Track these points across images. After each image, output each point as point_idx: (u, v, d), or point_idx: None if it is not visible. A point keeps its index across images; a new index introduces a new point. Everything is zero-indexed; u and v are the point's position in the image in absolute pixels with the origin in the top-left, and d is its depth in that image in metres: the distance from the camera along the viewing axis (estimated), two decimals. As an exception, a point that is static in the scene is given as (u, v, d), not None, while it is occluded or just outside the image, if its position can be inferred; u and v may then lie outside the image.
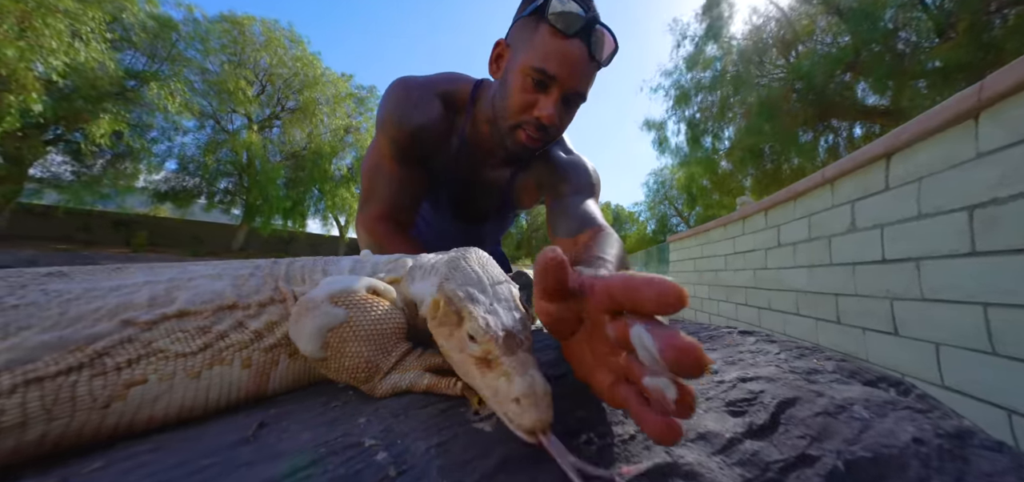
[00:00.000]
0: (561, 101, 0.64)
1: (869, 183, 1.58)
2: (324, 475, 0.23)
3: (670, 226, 23.53)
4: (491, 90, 0.72)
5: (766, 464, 0.25)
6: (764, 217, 2.49)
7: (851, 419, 0.29)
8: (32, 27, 9.18)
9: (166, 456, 0.25)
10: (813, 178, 1.94)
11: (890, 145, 1.44)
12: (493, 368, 0.27)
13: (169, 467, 0.23)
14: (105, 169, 13.10)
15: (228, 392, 0.32)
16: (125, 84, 12.24)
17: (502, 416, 0.25)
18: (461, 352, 0.29)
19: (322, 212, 18.29)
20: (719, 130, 9.63)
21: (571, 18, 0.59)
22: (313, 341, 0.31)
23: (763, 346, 0.47)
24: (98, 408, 0.27)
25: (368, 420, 0.28)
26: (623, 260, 0.57)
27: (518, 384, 0.24)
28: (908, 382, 0.44)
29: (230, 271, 0.38)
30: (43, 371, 0.25)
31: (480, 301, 0.31)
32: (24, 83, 9.19)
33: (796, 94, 7.64)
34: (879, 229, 1.52)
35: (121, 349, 0.28)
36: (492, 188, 0.85)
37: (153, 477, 0.22)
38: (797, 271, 2.11)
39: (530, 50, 0.62)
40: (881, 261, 1.51)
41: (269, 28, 15.55)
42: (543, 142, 0.69)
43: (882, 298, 1.52)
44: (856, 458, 0.25)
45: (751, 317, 2.66)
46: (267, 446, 0.26)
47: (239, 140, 14.71)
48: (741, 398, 0.33)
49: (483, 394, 0.27)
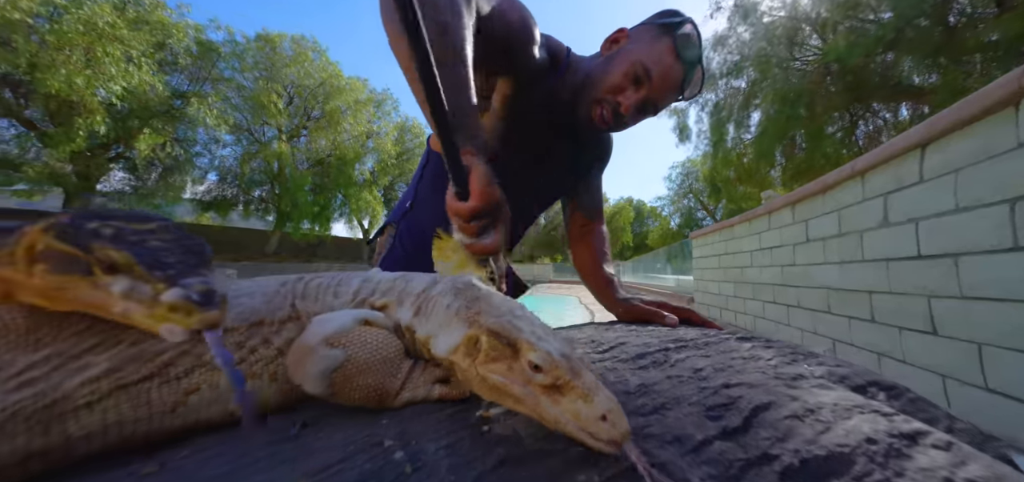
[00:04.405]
0: (642, 103, 0.72)
1: (902, 175, 1.50)
2: (353, 470, 0.27)
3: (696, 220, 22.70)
4: (587, 63, 0.78)
5: (730, 462, 0.29)
6: (791, 212, 2.40)
7: (816, 421, 0.31)
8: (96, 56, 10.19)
9: (228, 449, 0.31)
10: (842, 171, 1.86)
11: (924, 135, 1.37)
12: (565, 393, 0.27)
13: (236, 456, 0.30)
14: (157, 182, 14.31)
15: (259, 402, 0.35)
16: (172, 103, 13.28)
17: (583, 436, 0.26)
18: (526, 384, 0.28)
19: (347, 215, 19.07)
20: (744, 118, 9.19)
21: (690, 47, 0.71)
22: (318, 384, 0.33)
23: (758, 352, 0.49)
24: (168, 411, 0.32)
25: (388, 423, 0.33)
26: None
27: (601, 403, 0.25)
28: (903, 387, 0.45)
29: (262, 289, 0.40)
30: (127, 379, 0.30)
31: (525, 328, 0.31)
32: (90, 107, 10.26)
33: (830, 77, 7.16)
34: (913, 223, 1.44)
35: (180, 361, 0.32)
36: (558, 150, 0.86)
37: (229, 464, 0.28)
38: (827, 268, 2.02)
39: (647, 50, 0.71)
40: (916, 257, 1.44)
41: (297, 42, 16.36)
42: (610, 127, 0.76)
43: (919, 296, 1.44)
44: (811, 456, 0.27)
45: (779, 315, 2.56)
46: (306, 444, 0.31)
47: (270, 150, 15.61)
48: (720, 403, 0.36)
49: (556, 419, 0.27)
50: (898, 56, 6.56)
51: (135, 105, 11.56)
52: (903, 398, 0.42)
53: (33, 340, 0.28)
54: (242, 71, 15.17)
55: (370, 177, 19.23)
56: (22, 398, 0.25)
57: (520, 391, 0.29)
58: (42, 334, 0.29)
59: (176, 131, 13.67)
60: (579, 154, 0.90)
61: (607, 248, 0.95)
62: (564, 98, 0.77)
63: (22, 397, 0.25)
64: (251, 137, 16.36)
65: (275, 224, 16.87)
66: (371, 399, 0.34)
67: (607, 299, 0.85)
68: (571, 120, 0.77)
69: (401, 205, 0.96)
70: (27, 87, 10.24)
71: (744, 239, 3.11)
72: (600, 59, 0.76)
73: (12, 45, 9.46)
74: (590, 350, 0.52)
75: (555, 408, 0.27)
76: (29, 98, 10.74)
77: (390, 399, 0.35)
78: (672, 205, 25.79)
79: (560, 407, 0.27)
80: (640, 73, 0.70)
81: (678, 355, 0.49)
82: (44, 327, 0.29)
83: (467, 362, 0.32)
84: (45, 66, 9.52)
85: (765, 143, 8.37)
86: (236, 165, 16.07)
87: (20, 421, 0.25)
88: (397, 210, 0.97)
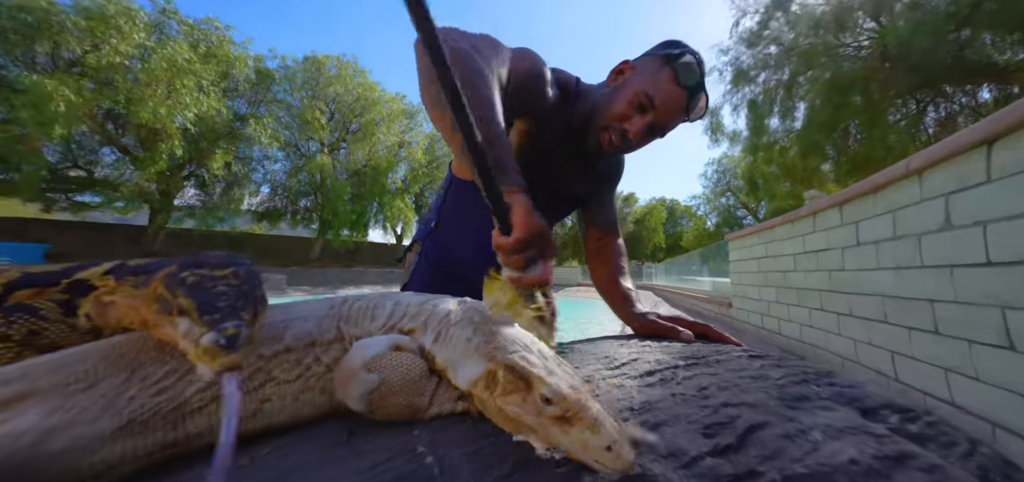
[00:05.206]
0: (648, 127, 0.77)
1: (966, 174, 1.37)
2: (393, 470, 0.33)
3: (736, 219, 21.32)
4: (594, 93, 0.84)
5: (717, 477, 0.32)
6: (839, 213, 2.23)
7: (805, 441, 0.33)
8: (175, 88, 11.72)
9: (298, 449, 0.39)
10: (896, 169, 1.71)
11: (990, 130, 1.24)
12: (574, 424, 0.30)
13: (305, 454, 0.37)
14: (221, 197, 15.99)
15: (313, 411, 0.42)
16: (234, 126, 14.85)
17: (590, 462, 0.29)
18: (538, 416, 0.31)
19: (381, 222, 20.08)
20: (788, 111, 8.53)
21: (690, 74, 0.74)
22: (359, 404, 0.38)
23: (767, 371, 0.51)
24: (250, 416, 0.39)
25: (419, 433, 0.39)
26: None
27: (606, 435, 0.28)
28: (923, 411, 0.44)
29: (315, 313, 0.45)
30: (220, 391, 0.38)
31: (537, 363, 0.34)
32: (170, 133, 11.79)
33: (889, 62, 6.45)
34: (981, 227, 1.31)
35: (257, 375, 0.39)
36: (570, 175, 0.91)
37: (299, 461, 0.36)
38: (881, 273, 1.87)
39: (649, 80, 0.76)
40: (986, 264, 1.31)
41: (340, 63, 17.60)
42: (619, 151, 0.81)
43: (991, 306, 1.31)
44: (794, 474, 0.30)
45: (829, 323, 2.39)
46: (355, 448, 0.38)
47: (314, 163, 16.84)
48: (718, 421, 0.39)
49: (565, 448, 0.30)
50: (974, 33, 5.76)
51: (204, 129, 13.10)
52: (919, 422, 0.42)
53: (163, 356, 0.37)
54: (292, 92, 16.59)
55: (401, 185, 20.14)
56: (160, 402, 0.34)
57: (533, 421, 0.32)
58: (167, 351, 0.38)
59: (237, 150, 15.24)
60: (590, 174, 0.94)
61: (624, 262, 0.98)
62: (575, 126, 0.82)
63: (160, 401, 0.34)
64: (297, 152, 17.75)
65: (318, 231, 18.12)
66: (404, 415, 0.40)
67: (624, 314, 0.88)
68: (582, 145, 0.82)
69: (426, 225, 1.04)
70: (123, 119, 11.97)
71: (786, 241, 2.92)
72: (607, 89, 0.80)
73: (114, 84, 11.18)
74: (603, 366, 0.56)
75: (565, 438, 0.30)
76: (124, 128, 12.53)
77: (420, 414, 0.41)
78: (708, 204, 24.44)
79: (569, 437, 0.30)
80: (644, 101, 0.75)
81: (686, 372, 0.51)
82: (168, 345, 0.38)
83: (486, 394, 0.35)
84: (137, 100, 11.15)
85: (812, 136, 7.71)
86: (285, 178, 17.53)
87: (159, 419, 0.34)
88: (423, 229, 1.05)
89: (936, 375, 1.57)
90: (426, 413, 0.41)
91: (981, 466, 0.38)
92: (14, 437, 0.27)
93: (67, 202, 13.27)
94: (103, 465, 0.31)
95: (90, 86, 11.06)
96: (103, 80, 11.24)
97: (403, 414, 0.40)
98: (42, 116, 9.60)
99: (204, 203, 15.53)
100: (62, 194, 13.04)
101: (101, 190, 12.86)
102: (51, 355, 0.34)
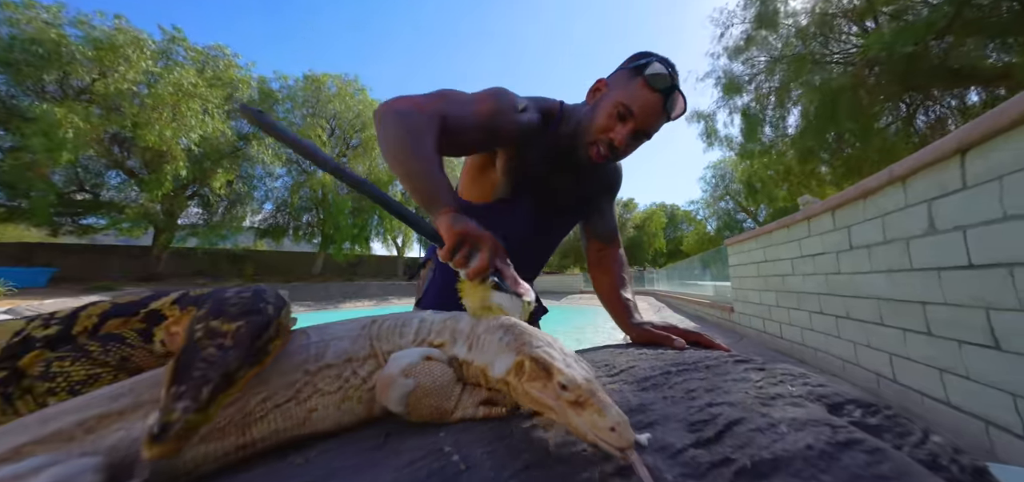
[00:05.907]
0: (632, 133, 0.83)
1: (945, 181, 1.44)
2: (424, 468, 0.39)
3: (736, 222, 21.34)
4: (577, 111, 0.91)
5: (698, 464, 0.38)
6: (832, 218, 2.30)
7: (774, 433, 0.39)
8: (180, 112, 11.99)
9: (343, 451, 0.45)
10: (881, 176, 1.79)
11: (963, 140, 1.32)
12: (585, 407, 0.36)
13: (349, 455, 0.44)
14: (223, 215, 16.17)
15: (353, 418, 0.48)
16: (237, 145, 15.09)
17: (598, 441, 0.34)
18: (556, 399, 0.38)
19: (382, 236, 20.20)
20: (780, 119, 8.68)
21: (660, 79, 0.80)
22: (399, 405, 0.44)
23: (749, 374, 0.57)
24: (300, 424, 0.46)
25: (444, 435, 0.45)
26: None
27: (611, 417, 0.34)
28: (883, 405, 0.50)
29: (350, 332, 0.51)
30: (279, 400, 0.45)
31: (557, 356, 0.41)
32: (175, 155, 12.02)
33: (877, 68, 6.60)
34: (961, 231, 1.38)
35: (305, 388, 0.46)
36: (565, 189, 0.97)
37: (345, 461, 0.42)
38: (875, 277, 1.93)
39: (623, 92, 0.82)
40: (968, 266, 1.37)
41: (340, 81, 17.96)
42: (608, 160, 0.87)
43: (976, 307, 1.36)
44: (761, 459, 0.36)
45: (828, 326, 2.44)
46: (391, 449, 0.44)
47: (316, 179, 17.05)
48: (702, 419, 0.45)
49: (577, 427, 0.36)
50: (957, 39, 5.93)
51: (208, 149, 13.33)
52: (879, 415, 0.48)
53: None
54: (293, 110, 16.91)
55: (401, 198, 20.32)
56: (231, 411, 0.41)
57: (552, 403, 0.39)
58: None
59: (240, 169, 15.48)
60: (584, 187, 1.00)
61: (625, 273, 1.02)
62: (564, 145, 0.89)
63: (231, 411, 0.41)
64: (299, 168, 17.99)
65: (320, 246, 18.26)
66: (434, 416, 0.46)
67: (623, 323, 0.94)
68: (574, 160, 0.89)
69: (434, 246, 1.11)
70: (129, 142, 12.24)
71: (783, 246, 2.98)
72: (587, 107, 0.88)
73: (121, 110, 11.45)
74: (603, 373, 0.62)
75: (577, 418, 0.36)
76: (130, 151, 12.80)
77: (447, 416, 0.47)
78: (707, 208, 24.50)
79: (581, 418, 0.36)
80: (623, 111, 0.81)
81: (677, 378, 0.57)
82: None
83: (516, 380, 0.43)
84: (143, 124, 11.41)
85: (806, 142, 7.85)
86: (287, 195, 17.74)
87: (232, 426, 0.41)
88: (433, 248, 1.11)
89: (932, 376, 1.62)
90: (452, 416, 0.47)
91: (931, 453, 0.44)
92: (131, 441, 0.34)
93: (73, 225, 13.47)
94: (192, 463, 0.37)
95: (98, 112, 11.39)
96: (110, 106, 11.58)
97: (433, 415, 0.46)
98: (51, 143, 9.85)
99: (207, 221, 15.72)
100: (68, 217, 13.24)
101: (107, 212, 13.08)
102: (148, 374, 0.41)
